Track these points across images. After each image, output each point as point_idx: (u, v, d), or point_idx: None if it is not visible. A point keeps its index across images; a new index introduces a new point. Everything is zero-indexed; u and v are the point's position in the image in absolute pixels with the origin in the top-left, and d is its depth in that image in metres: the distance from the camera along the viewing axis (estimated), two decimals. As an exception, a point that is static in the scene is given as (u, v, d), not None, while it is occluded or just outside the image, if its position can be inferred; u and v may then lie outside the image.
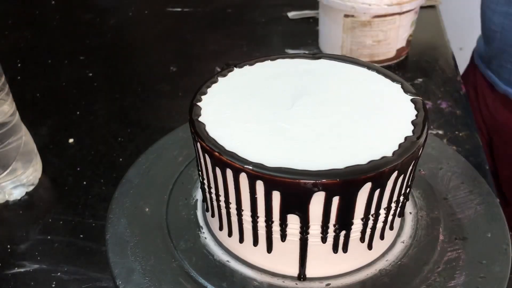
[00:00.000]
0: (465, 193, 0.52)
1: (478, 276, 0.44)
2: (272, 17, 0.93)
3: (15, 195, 0.57)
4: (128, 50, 0.89)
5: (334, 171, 0.38)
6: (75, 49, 0.87)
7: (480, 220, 0.49)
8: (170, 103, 0.74)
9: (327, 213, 0.40)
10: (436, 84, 0.75)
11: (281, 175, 0.38)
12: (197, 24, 0.95)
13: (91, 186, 0.59)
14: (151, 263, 0.46)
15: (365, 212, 0.41)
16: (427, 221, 0.49)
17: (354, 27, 0.74)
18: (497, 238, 0.48)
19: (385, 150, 0.40)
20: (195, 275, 0.45)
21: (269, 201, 0.40)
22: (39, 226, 0.54)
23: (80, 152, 0.64)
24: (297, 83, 0.48)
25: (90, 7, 1.01)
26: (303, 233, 0.42)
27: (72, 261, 0.50)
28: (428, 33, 0.88)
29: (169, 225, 0.50)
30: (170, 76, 0.80)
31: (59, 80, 0.79)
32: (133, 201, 0.53)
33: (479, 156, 0.61)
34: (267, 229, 0.42)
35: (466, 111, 0.69)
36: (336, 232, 0.42)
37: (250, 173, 0.38)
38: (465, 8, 1.54)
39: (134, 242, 0.48)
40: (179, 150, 0.58)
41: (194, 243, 0.48)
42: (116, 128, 0.68)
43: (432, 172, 0.55)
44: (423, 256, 0.46)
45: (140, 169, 0.57)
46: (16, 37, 0.91)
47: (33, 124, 0.61)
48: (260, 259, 0.45)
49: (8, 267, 0.49)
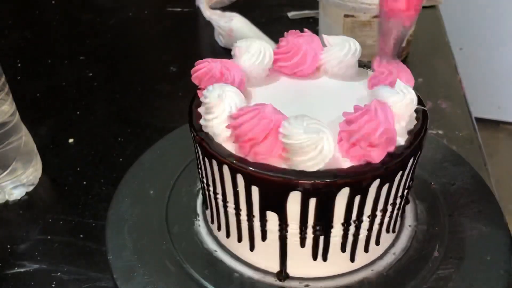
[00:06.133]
0: (473, 212, 0.51)
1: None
2: (272, 17, 0.93)
3: (15, 195, 0.57)
4: (128, 50, 0.89)
5: (310, 172, 0.38)
6: (75, 49, 0.87)
7: (482, 241, 0.48)
8: (170, 103, 0.74)
9: (305, 213, 0.40)
10: (436, 84, 0.75)
11: (259, 170, 0.39)
12: (197, 24, 0.95)
13: (91, 186, 0.59)
14: (142, 243, 0.48)
15: (345, 218, 0.41)
16: (424, 236, 0.48)
17: (354, 27, 0.74)
18: (497, 262, 0.46)
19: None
20: (181, 259, 0.47)
21: (250, 196, 0.41)
22: (39, 226, 0.54)
23: (80, 152, 0.64)
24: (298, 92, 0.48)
25: (90, 7, 1.01)
26: (282, 231, 0.42)
27: (72, 261, 0.50)
28: (428, 33, 0.88)
29: (168, 209, 0.52)
30: (170, 76, 0.80)
31: (59, 80, 0.79)
32: (141, 182, 0.55)
33: (479, 156, 0.61)
34: (248, 223, 0.43)
35: (466, 111, 0.69)
36: (315, 234, 0.42)
37: (232, 166, 0.40)
38: (465, 8, 1.55)
39: (133, 221, 0.50)
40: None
41: (188, 229, 0.50)
42: (116, 128, 0.68)
43: (444, 187, 0.53)
44: (412, 271, 0.45)
45: (154, 154, 0.58)
46: (16, 37, 0.91)
47: (33, 124, 0.61)
48: (244, 253, 0.46)
49: (8, 267, 0.49)
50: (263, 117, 0.38)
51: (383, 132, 0.37)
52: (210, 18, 0.83)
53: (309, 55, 0.48)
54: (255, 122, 0.38)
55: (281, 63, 0.48)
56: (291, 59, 0.48)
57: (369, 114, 0.38)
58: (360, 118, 0.38)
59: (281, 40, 0.49)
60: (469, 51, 1.61)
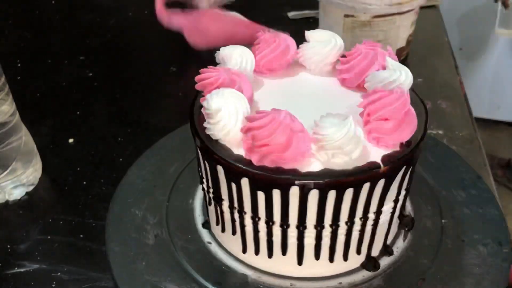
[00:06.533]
0: (474, 215, 0.50)
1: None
2: (272, 17, 0.93)
3: (15, 195, 0.57)
4: (128, 50, 0.89)
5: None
6: (75, 49, 0.87)
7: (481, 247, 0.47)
8: (170, 103, 0.74)
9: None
10: (436, 84, 0.75)
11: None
12: (197, 24, 0.94)
13: (91, 186, 0.59)
14: (143, 242, 0.49)
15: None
16: (422, 241, 0.48)
17: (354, 27, 0.74)
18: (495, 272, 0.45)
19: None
20: (180, 258, 0.47)
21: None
22: (39, 226, 0.54)
23: (80, 152, 0.64)
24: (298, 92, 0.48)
25: (90, 7, 1.01)
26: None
27: (72, 261, 0.50)
28: (428, 33, 0.87)
29: (169, 208, 0.52)
30: (170, 76, 0.80)
31: (59, 80, 0.79)
32: (142, 181, 0.55)
33: (479, 156, 0.61)
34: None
35: (466, 111, 0.69)
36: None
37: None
38: (465, 8, 1.54)
39: (133, 219, 0.51)
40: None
41: (187, 227, 0.50)
42: (116, 128, 0.68)
43: (446, 190, 0.53)
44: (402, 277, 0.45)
45: (155, 152, 0.59)
46: (16, 37, 0.91)
47: (33, 124, 0.61)
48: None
49: (8, 267, 0.49)
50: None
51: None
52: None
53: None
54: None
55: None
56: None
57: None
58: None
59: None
60: (469, 51, 1.61)
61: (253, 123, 0.39)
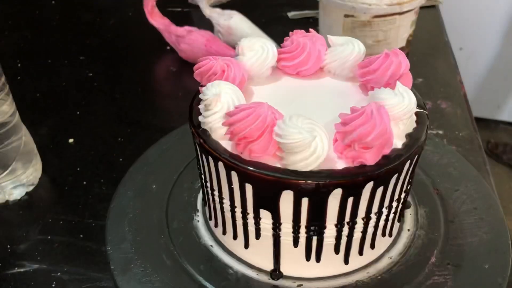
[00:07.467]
0: (475, 219, 0.50)
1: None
2: (272, 17, 0.93)
3: (15, 195, 0.57)
4: (128, 50, 0.89)
5: (302, 172, 0.38)
6: (75, 49, 0.87)
7: (481, 249, 0.47)
8: (170, 103, 0.74)
9: (297, 213, 0.40)
10: (436, 84, 0.75)
11: (252, 168, 0.39)
12: (197, 24, 0.94)
13: (91, 186, 0.59)
14: (142, 236, 0.49)
15: (338, 219, 0.41)
16: (423, 241, 0.48)
17: (354, 27, 0.74)
18: (495, 271, 0.45)
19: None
20: (177, 253, 0.47)
21: (244, 193, 0.41)
22: (39, 226, 0.54)
23: (80, 152, 0.64)
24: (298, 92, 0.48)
25: (90, 7, 1.01)
26: (275, 229, 0.42)
27: (72, 261, 0.50)
28: (428, 33, 0.88)
29: (169, 204, 0.52)
30: (170, 76, 0.80)
31: (59, 80, 0.79)
32: (144, 177, 0.55)
33: (479, 156, 0.61)
34: (243, 220, 0.44)
35: (466, 111, 0.69)
36: (308, 234, 0.42)
37: (226, 163, 0.40)
38: (465, 8, 1.54)
39: (134, 214, 0.51)
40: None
41: (186, 224, 0.50)
42: (116, 128, 0.68)
43: (447, 193, 0.53)
44: (407, 275, 0.45)
45: (159, 149, 0.59)
46: (16, 37, 0.91)
47: (33, 124, 0.61)
48: (240, 250, 0.47)
49: (8, 267, 0.49)
50: (258, 115, 0.38)
51: (378, 135, 0.37)
52: (209, 16, 0.83)
53: (313, 55, 0.48)
54: (251, 120, 0.38)
55: (285, 62, 0.48)
56: (295, 58, 0.48)
57: (365, 116, 0.38)
58: (355, 120, 0.38)
59: (286, 40, 0.49)
60: (469, 51, 1.61)
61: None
